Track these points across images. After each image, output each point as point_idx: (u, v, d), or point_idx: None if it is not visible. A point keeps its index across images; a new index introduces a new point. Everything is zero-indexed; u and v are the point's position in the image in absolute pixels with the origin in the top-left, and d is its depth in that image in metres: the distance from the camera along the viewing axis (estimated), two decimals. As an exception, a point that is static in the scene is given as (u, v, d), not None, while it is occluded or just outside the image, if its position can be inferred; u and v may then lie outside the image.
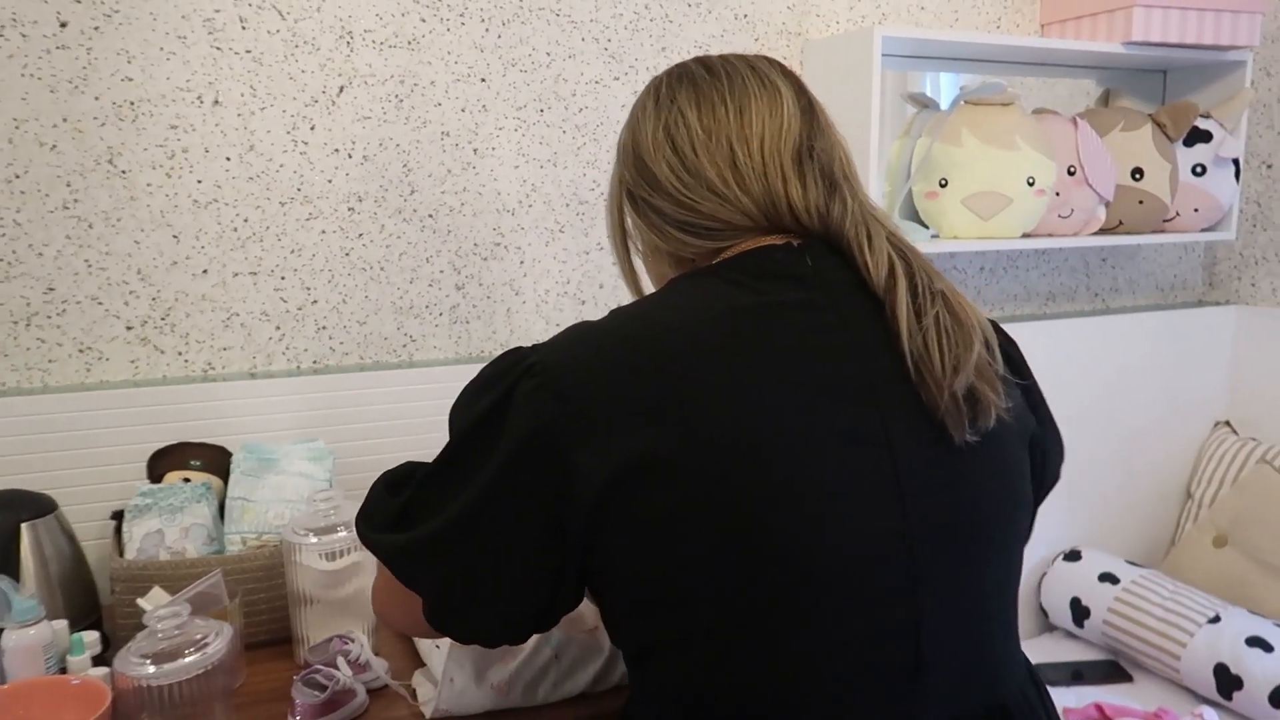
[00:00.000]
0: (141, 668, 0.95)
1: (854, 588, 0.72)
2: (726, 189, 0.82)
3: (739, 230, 0.83)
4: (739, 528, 0.71)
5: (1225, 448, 2.27)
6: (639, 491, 0.71)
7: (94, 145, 1.39)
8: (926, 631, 0.75)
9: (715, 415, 0.71)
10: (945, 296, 0.79)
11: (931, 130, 1.84)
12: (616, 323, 0.78)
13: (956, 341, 0.76)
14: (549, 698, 1.09)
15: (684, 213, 0.84)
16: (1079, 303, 2.29)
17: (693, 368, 0.73)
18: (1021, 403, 0.87)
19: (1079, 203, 1.92)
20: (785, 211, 0.82)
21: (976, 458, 0.78)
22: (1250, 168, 2.28)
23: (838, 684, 0.73)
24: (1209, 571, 2.08)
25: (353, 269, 1.57)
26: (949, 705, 0.77)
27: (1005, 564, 0.82)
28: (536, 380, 0.75)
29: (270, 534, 1.25)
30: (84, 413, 1.38)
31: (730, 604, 0.72)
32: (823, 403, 0.74)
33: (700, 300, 0.78)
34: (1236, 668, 1.73)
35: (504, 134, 1.64)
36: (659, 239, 0.88)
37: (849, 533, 0.72)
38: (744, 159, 0.82)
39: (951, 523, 0.76)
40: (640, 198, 0.88)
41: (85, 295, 1.41)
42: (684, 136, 0.84)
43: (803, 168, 0.83)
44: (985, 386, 0.77)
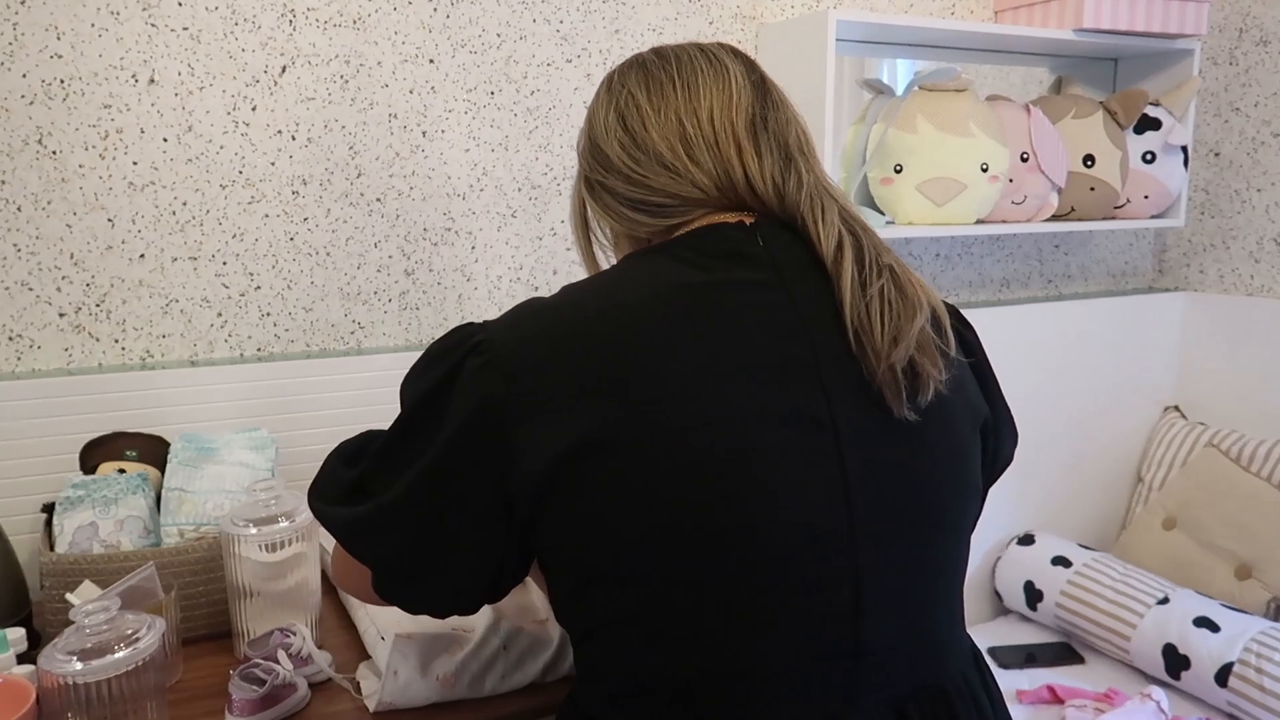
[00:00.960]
0: (67, 665, 0.91)
1: (794, 571, 0.72)
2: (676, 161, 0.82)
3: (691, 206, 0.83)
4: (680, 509, 0.71)
5: (1174, 432, 2.30)
6: (583, 470, 0.71)
7: (22, 125, 1.34)
8: (868, 615, 0.74)
9: (660, 396, 0.71)
10: (893, 270, 0.78)
11: (886, 116, 1.84)
12: (565, 300, 0.78)
13: (899, 313, 0.76)
14: (497, 689, 1.07)
15: (636, 190, 0.84)
16: (1032, 289, 2.30)
17: (639, 347, 0.73)
18: (974, 387, 0.87)
19: (1032, 189, 1.93)
20: (741, 182, 0.81)
21: (924, 440, 0.78)
22: (1198, 155, 2.31)
23: (776, 665, 0.73)
24: (1159, 553, 2.11)
25: (298, 254, 1.53)
26: (888, 688, 0.77)
27: (951, 548, 0.82)
28: (484, 358, 0.75)
29: (209, 525, 1.21)
30: (13, 402, 1.33)
31: (670, 584, 0.72)
32: (767, 384, 0.73)
33: (648, 278, 0.78)
34: (1184, 648, 1.75)
35: (453, 116, 1.61)
36: (615, 221, 0.88)
37: (791, 515, 0.72)
38: (693, 131, 0.82)
39: (897, 506, 0.76)
40: (595, 182, 0.88)
41: (14, 281, 1.36)
42: (634, 115, 0.84)
43: (757, 138, 0.83)
44: (925, 360, 0.76)
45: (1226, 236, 2.29)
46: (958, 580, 0.85)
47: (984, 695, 0.85)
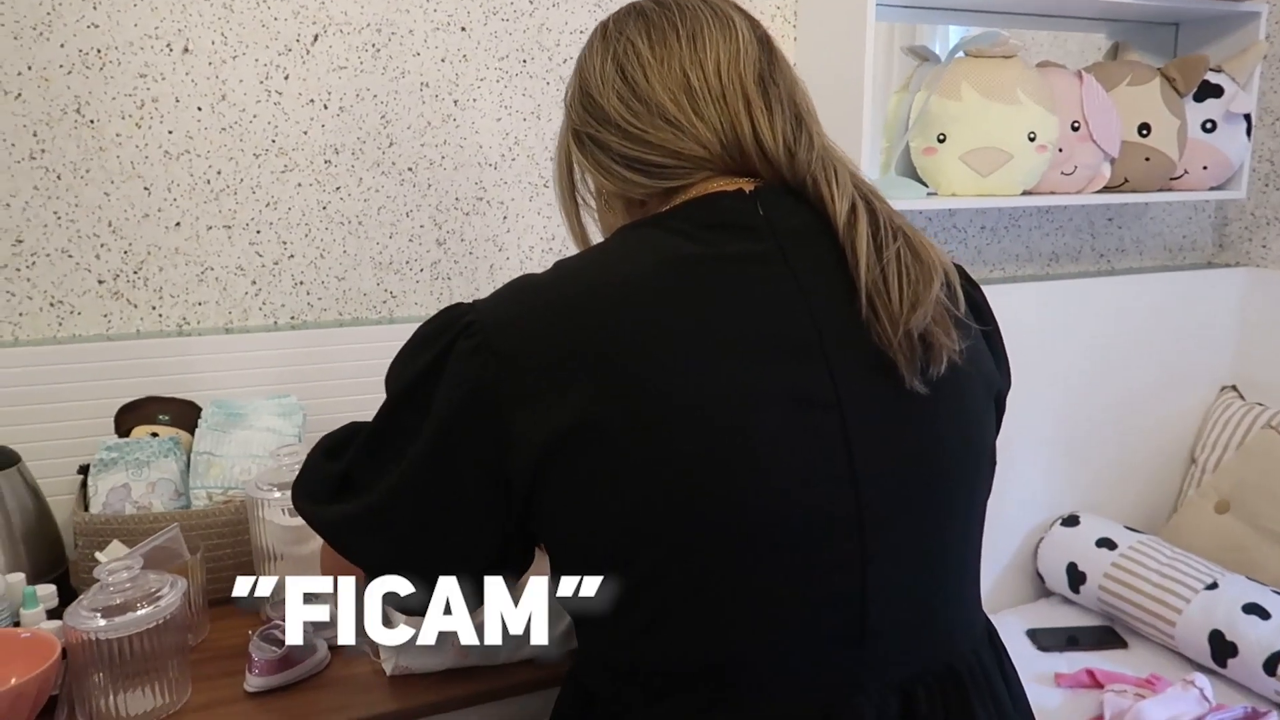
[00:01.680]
0: (91, 621, 0.93)
1: (797, 556, 0.70)
2: (680, 115, 0.77)
3: (692, 166, 0.78)
4: (678, 491, 0.68)
5: (1231, 413, 2.21)
6: (579, 452, 0.69)
7: (60, 94, 1.36)
8: (873, 599, 0.72)
9: (656, 375, 0.68)
10: (905, 234, 0.75)
11: (930, 84, 1.78)
12: (558, 277, 0.74)
13: (916, 277, 0.72)
14: (511, 658, 1.07)
15: (633, 146, 0.78)
16: (1083, 263, 2.23)
17: (634, 326, 0.69)
18: (985, 352, 0.83)
19: (1083, 159, 1.86)
20: (749, 139, 0.77)
21: (936, 415, 0.74)
22: (1263, 125, 2.21)
23: (778, 650, 0.71)
24: (1210, 537, 2.04)
25: (330, 223, 1.54)
26: (895, 670, 0.75)
27: (963, 525, 0.79)
28: (474, 339, 0.71)
29: (236, 489, 1.23)
30: (54, 366, 1.36)
31: (669, 569, 0.70)
32: (768, 361, 0.70)
33: (643, 253, 0.74)
34: (1232, 634, 1.70)
35: (485, 85, 1.60)
36: (606, 179, 0.82)
37: (793, 500, 0.69)
38: (699, 83, 0.77)
39: (906, 486, 0.73)
40: (587, 136, 0.82)
41: (55, 248, 1.39)
42: (634, 65, 0.79)
43: (767, 93, 0.78)
44: (939, 330, 0.73)
45: (1292, 209, 2.19)
46: (970, 556, 0.82)
47: (997, 674, 0.83)
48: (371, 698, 1.01)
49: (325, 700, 1.01)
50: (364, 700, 1.01)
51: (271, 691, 1.02)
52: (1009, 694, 0.84)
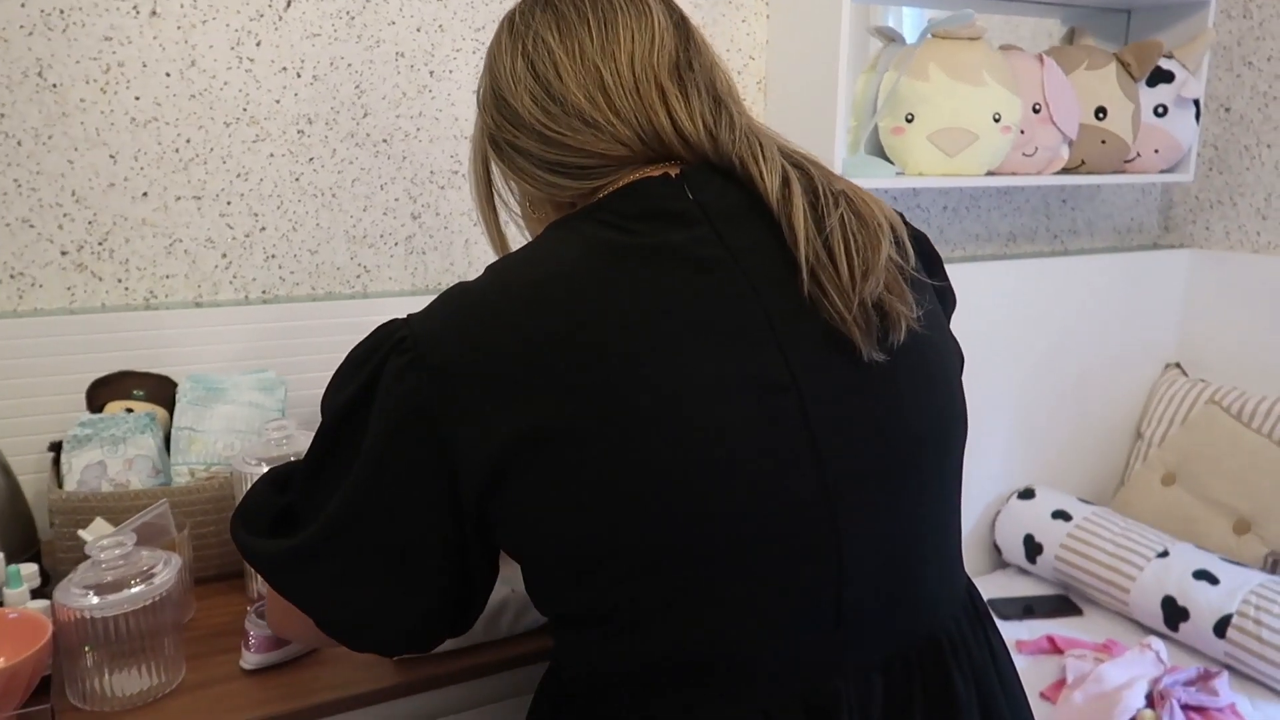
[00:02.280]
0: (84, 599, 0.90)
1: (767, 544, 0.68)
2: (597, 113, 0.74)
3: (615, 164, 0.75)
4: (634, 498, 0.65)
5: (1175, 389, 2.30)
6: (531, 463, 0.66)
7: (21, 56, 1.30)
8: (849, 580, 0.70)
9: (600, 377, 0.65)
10: (847, 196, 0.73)
11: (898, 65, 1.81)
12: (490, 283, 0.71)
13: (864, 243, 0.71)
14: (512, 630, 1.07)
15: (553, 150, 0.75)
16: (1039, 244, 2.29)
17: (571, 329, 0.66)
18: (937, 303, 0.81)
19: (1043, 141, 1.91)
20: (667, 129, 0.74)
21: (897, 380, 0.73)
22: (1209, 110, 2.29)
23: (756, 640, 0.70)
24: (1158, 508, 2.13)
25: (303, 195, 1.50)
26: (874, 649, 0.74)
27: (938, 491, 0.78)
28: (407, 356, 0.68)
29: (219, 465, 1.20)
30: (16, 340, 1.31)
31: (636, 576, 0.68)
32: (717, 349, 0.67)
33: (575, 251, 0.71)
34: (1183, 600, 1.77)
35: (461, 56, 1.58)
36: (531, 185, 0.79)
37: (756, 490, 0.67)
38: (612, 78, 0.74)
39: (874, 461, 0.71)
40: (505, 141, 0.79)
41: (15, 217, 1.33)
42: (546, 62, 0.76)
43: (683, 80, 0.76)
44: (893, 297, 0.71)
45: (1234, 193, 2.28)
46: (950, 521, 0.81)
47: (979, 640, 0.81)
48: (371, 673, 1.00)
49: (324, 676, 0.99)
50: (364, 676, 1.00)
51: (268, 669, 1.00)
52: (992, 659, 0.82)
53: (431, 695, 1.01)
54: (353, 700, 0.97)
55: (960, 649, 0.78)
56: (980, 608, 0.86)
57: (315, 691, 0.97)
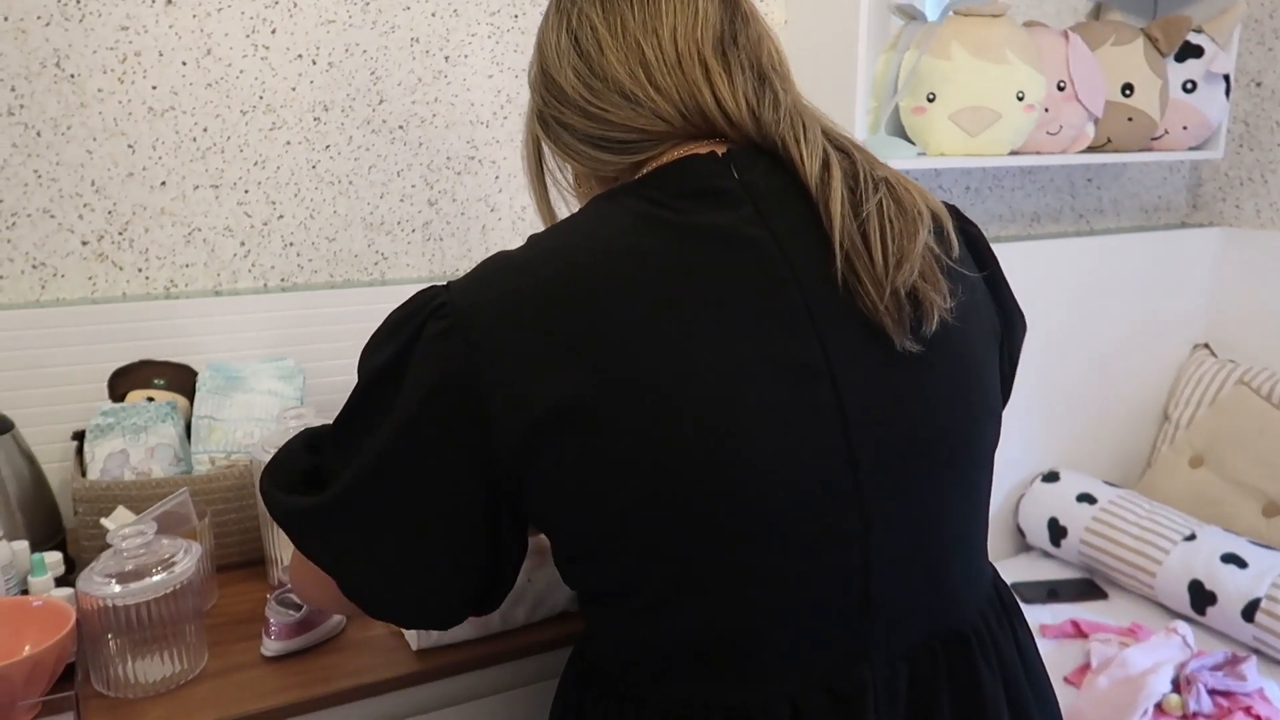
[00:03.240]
0: (106, 587, 0.91)
1: (796, 529, 0.68)
2: (637, 88, 0.73)
3: (656, 139, 0.75)
4: (668, 475, 0.66)
5: (1203, 370, 2.27)
6: (564, 436, 0.66)
7: (39, 47, 1.31)
8: (876, 569, 0.70)
9: (636, 355, 0.65)
10: (889, 182, 0.72)
11: (919, 43, 1.78)
12: (531, 255, 0.71)
13: (900, 230, 0.69)
14: (531, 619, 1.07)
15: (595, 125, 0.75)
16: (1063, 224, 2.26)
17: (611, 305, 0.66)
18: (987, 304, 0.81)
19: (1068, 119, 1.87)
20: (710, 106, 0.74)
21: (933, 374, 0.72)
22: (1239, 86, 2.24)
23: (781, 626, 0.70)
24: (1184, 491, 2.10)
25: (320, 183, 1.51)
26: (902, 639, 0.73)
27: (968, 484, 0.77)
28: (445, 322, 0.68)
29: (239, 453, 1.21)
30: (40, 331, 1.32)
31: (667, 548, 0.68)
32: (755, 333, 0.67)
33: (618, 226, 0.71)
34: (1211, 584, 1.75)
35: (477, 41, 1.57)
36: (576, 160, 0.79)
37: (788, 473, 0.67)
38: (654, 54, 0.74)
39: (906, 451, 0.71)
40: (551, 118, 0.79)
41: (36, 208, 1.34)
42: (589, 37, 0.75)
43: (727, 57, 0.75)
44: (927, 286, 0.70)
45: (1265, 170, 2.24)
46: (977, 515, 0.80)
47: (1005, 634, 0.81)
48: (390, 659, 1.01)
49: (345, 663, 1.00)
50: (383, 662, 1.00)
51: (289, 655, 1.00)
52: (1018, 652, 0.82)
53: (448, 682, 1.01)
54: (372, 687, 0.97)
55: (987, 641, 0.78)
56: (1007, 600, 0.85)
57: (336, 678, 0.97)
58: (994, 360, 0.80)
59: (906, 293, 0.69)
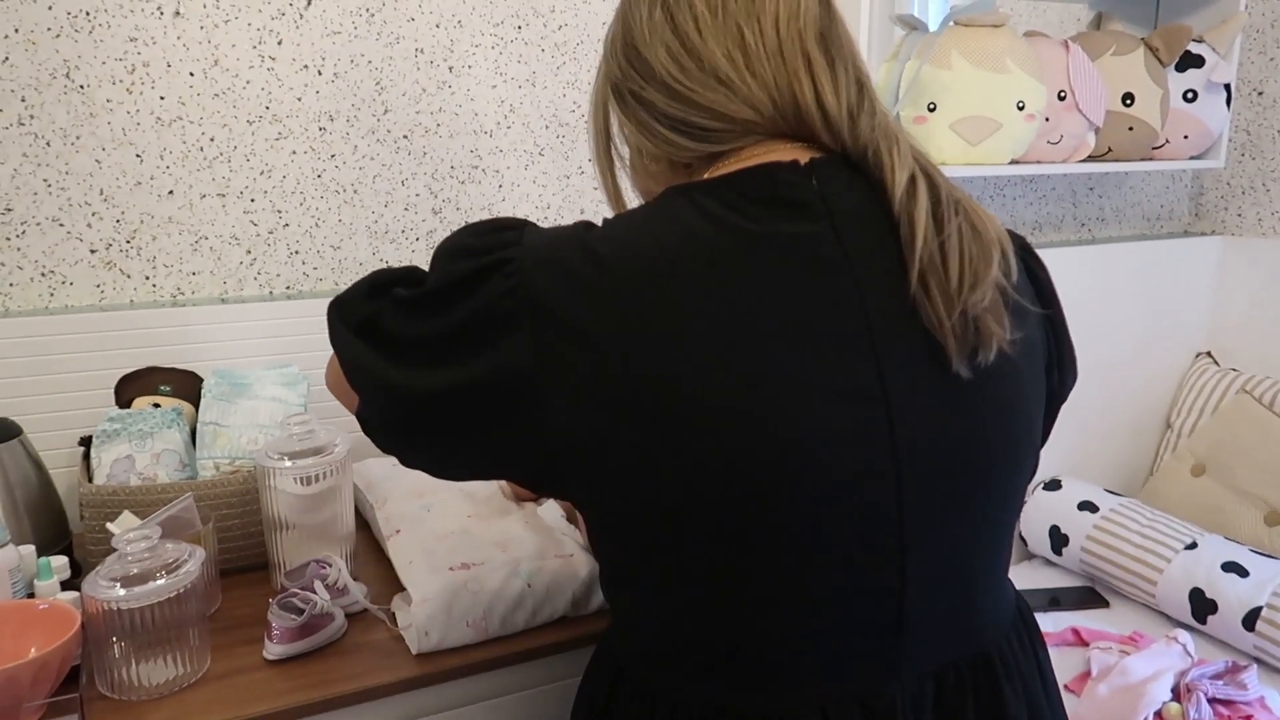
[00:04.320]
0: (111, 591, 0.92)
1: (835, 547, 0.69)
2: (733, 72, 0.72)
3: (741, 129, 0.73)
4: (710, 485, 0.66)
5: (1206, 378, 2.27)
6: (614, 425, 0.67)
7: (48, 58, 1.33)
8: (912, 592, 0.71)
9: (697, 360, 0.65)
10: (965, 207, 0.71)
11: (920, 53, 1.79)
12: (606, 249, 0.70)
13: (976, 254, 0.69)
14: (531, 624, 1.08)
15: (679, 106, 0.74)
16: (1065, 232, 2.27)
17: (679, 306, 0.66)
18: (1040, 342, 0.80)
19: (1069, 128, 1.88)
20: (809, 104, 0.72)
21: (981, 401, 0.72)
22: (1241, 95, 2.25)
23: (814, 640, 0.71)
24: (1186, 500, 2.10)
25: (325, 191, 1.52)
26: (931, 659, 0.74)
27: (1002, 513, 0.78)
28: (510, 281, 0.68)
29: (244, 459, 1.22)
30: (48, 338, 1.34)
31: (702, 557, 0.69)
32: (813, 352, 0.67)
33: (696, 225, 0.69)
34: (1211, 592, 1.75)
35: (480, 51, 1.58)
36: (648, 140, 0.77)
37: (833, 493, 0.67)
38: (755, 38, 0.71)
39: (948, 478, 0.71)
40: (629, 92, 0.77)
41: (46, 216, 1.36)
42: (686, 15, 0.73)
43: (830, 54, 0.72)
44: (992, 318, 0.69)
45: (1267, 178, 2.24)
46: (1005, 543, 0.80)
47: (1029, 658, 0.82)
48: (392, 662, 1.02)
49: (346, 667, 1.01)
50: (385, 666, 1.01)
51: (291, 659, 1.02)
52: (1039, 675, 0.83)
53: (449, 686, 1.02)
54: (373, 691, 0.98)
55: (1011, 662, 0.79)
56: (1029, 621, 0.86)
57: (337, 681, 0.98)
58: (1041, 398, 0.80)
59: (973, 317, 0.69)
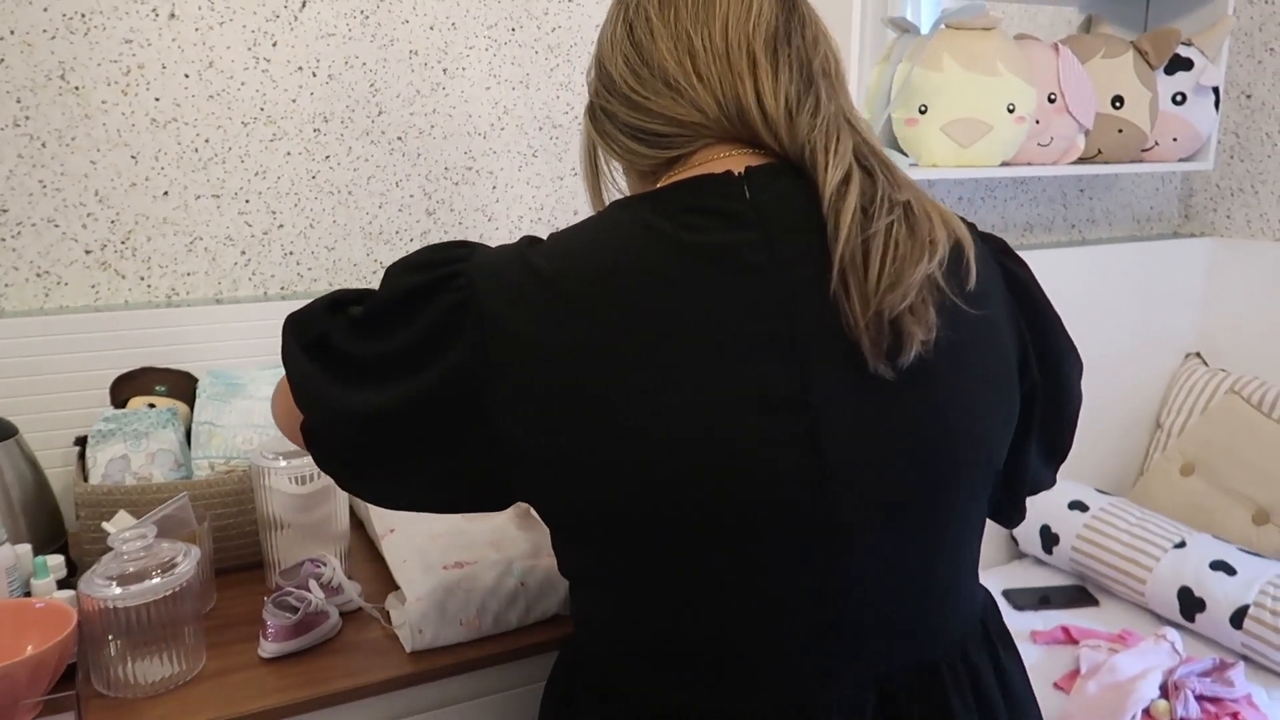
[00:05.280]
0: (107, 589, 0.93)
1: (765, 553, 0.69)
2: (681, 76, 0.74)
3: (691, 134, 0.75)
4: (646, 488, 0.68)
5: (1195, 378, 2.29)
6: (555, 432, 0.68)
7: (44, 60, 1.33)
8: (849, 595, 0.71)
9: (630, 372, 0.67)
10: (907, 207, 0.70)
11: (912, 55, 1.80)
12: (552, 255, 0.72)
13: (904, 254, 0.68)
14: (524, 622, 1.09)
15: (635, 115, 0.77)
16: (1056, 234, 2.28)
17: (615, 319, 0.68)
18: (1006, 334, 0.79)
19: (1059, 131, 1.90)
20: (750, 103, 0.73)
21: (913, 401, 0.71)
22: (1229, 98, 2.27)
23: (751, 641, 0.72)
24: (1176, 499, 2.11)
25: (319, 193, 1.53)
26: (872, 665, 0.74)
27: (956, 517, 0.76)
28: (460, 295, 0.71)
29: (239, 459, 1.23)
30: (43, 338, 1.34)
31: (639, 561, 0.71)
32: (738, 361, 0.68)
33: (633, 238, 0.71)
34: (1200, 590, 1.77)
35: (474, 53, 1.59)
36: (618, 152, 0.80)
37: (760, 501, 0.68)
38: (703, 43, 0.74)
39: (883, 482, 0.71)
40: (600, 108, 0.80)
41: (41, 217, 1.37)
42: (643, 26, 0.76)
43: (776, 54, 0.74)
44: (912, 319, 0.68)
45: (1255, 180, 2.26)
46: (963, 547, 0.79)
47: (987, 667, 0.81)
48: (387, 661, 1.02)
49: (342, 665, 1.02)
50: (380, 664, 1.02)
51: (286, 657, 1.02)
52: (999, 682, 0.82)
53: (443, 684, 1.03)
54: (367, 688, 0.99)
55: (961, 671, 0.79)
56: (993, 628, 0.85)
57: (331, 679, 0.99)
58: (1002, 401, 0.78)
59: (890, 319, 0.68)
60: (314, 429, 0.78)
